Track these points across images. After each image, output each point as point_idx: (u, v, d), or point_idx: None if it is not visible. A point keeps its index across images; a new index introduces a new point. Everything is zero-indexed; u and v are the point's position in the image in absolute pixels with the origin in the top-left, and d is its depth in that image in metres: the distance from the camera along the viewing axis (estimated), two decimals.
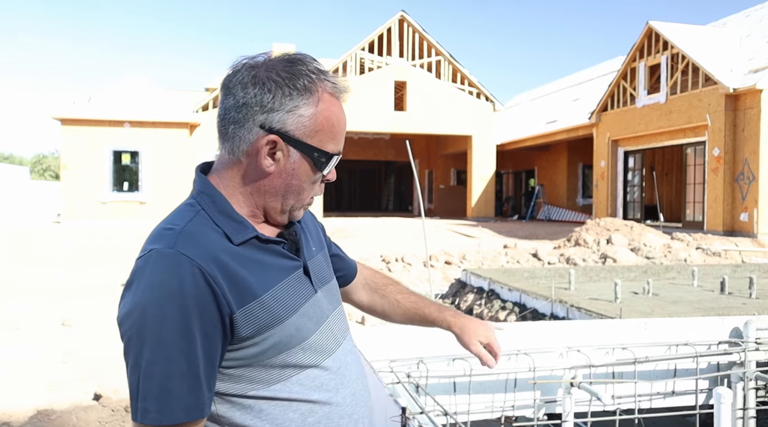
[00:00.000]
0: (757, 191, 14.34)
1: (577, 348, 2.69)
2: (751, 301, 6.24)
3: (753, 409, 2.75)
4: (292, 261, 1.09)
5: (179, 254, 0.95)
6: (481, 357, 1.39)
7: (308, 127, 1.04)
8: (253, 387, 1.02)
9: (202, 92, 25.04)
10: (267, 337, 1.00)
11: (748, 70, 14.94)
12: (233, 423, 1.02)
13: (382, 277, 1.51)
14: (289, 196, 1.08)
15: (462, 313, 1.47)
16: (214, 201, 1.05)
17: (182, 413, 0.93)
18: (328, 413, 1.07)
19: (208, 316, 0.95)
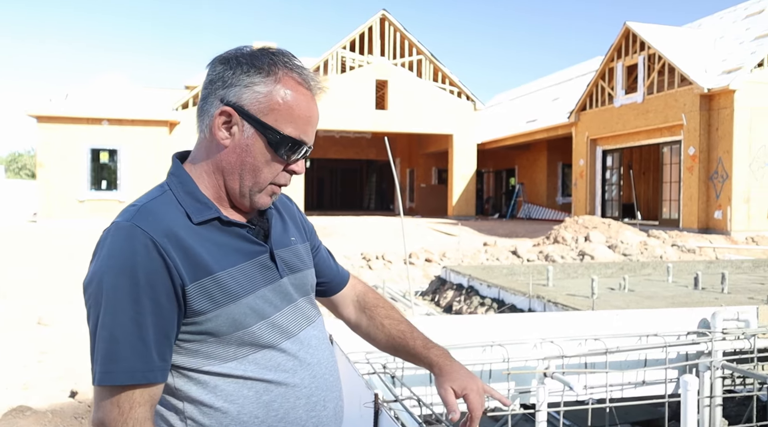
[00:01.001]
0: (730, 190, 14.63)
1: (550, 339, 2.74)
2: (723, 295, 6.39)
3: (719, 397, 2.83)
4: (257, 246, 1.11)
5: (135, 226, 1.00)
6: (446, 404, 1.22)
7: (263, 103, 1.07)
8: (208, 363, 1.04)
9: (181, 90, 24.81)
10: (220, 313, 1.02)
11: (722, 71, 15.23)
12: (189, 397, 1.04)
13: (375, 296, 1.43)
14: (246, 175, 1.09)
15: (451, 356, 1.32)
16: (181, 182, 1.10)
17: (126, 375, 0.96)
18: (283, 393, 1.08)
19: (160, 286, 0.98)
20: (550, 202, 25.03)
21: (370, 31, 22.68)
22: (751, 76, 14.60)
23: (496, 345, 2.64)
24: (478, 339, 2.67)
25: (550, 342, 2.73)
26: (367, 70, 22.60)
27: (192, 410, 1.04)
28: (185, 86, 24.74)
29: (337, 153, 29.70)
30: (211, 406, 1.04)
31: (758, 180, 14.75)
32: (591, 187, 19.81)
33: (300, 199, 22.02)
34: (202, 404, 1.04)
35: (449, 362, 1.29)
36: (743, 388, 2.90)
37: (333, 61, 22.36)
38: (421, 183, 28.85)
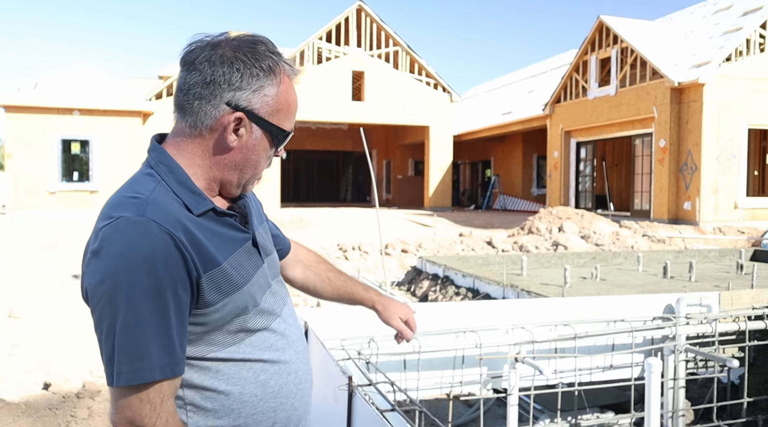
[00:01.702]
0: (699, 181, 14.96)
1: (521, 326, 2.81)
2: (690, 284, 6.56)
3: (683, 379, 2.93)
4: (243, 233, 1.15)
5: (149, 220, 0.98)
6: (400, 331, 1.55)
7: (271, 106, 1.10)
8: (210, 349, 1.08)
9: (155, 80, 24.43)
10: (227, 303, 1.06)
11: (692, 65, 15.53)
12: (191, 384, 1.07)
13: (315, 256, 1.60)
14: (247, 170, 1.13)
15: (384, 294, 1.62)
16: (173, 172, 1.08)
17: (157, 371, 0.97)
18: (278, 370, 1.16)
19: (179, 279, 0.99)
20: (525, 194, 25.30)
21: (347, 22, 22.57)
22: (720, 70, 14.92)
23: (469, 331, 2.70)
24: (451, 326, 2.73)
25: (521, 328, 2.80)
26: (344, 62, 22.51)
27: (193, 396, 1.08)
28: (159, 76, 24.36)
29: (313, 144, 29.57)
30: (215, 390, 1.08)
31: (725, 172, 15.11)
32: (565, 179, 20.08)
33: (276, 191, 21.92)
34: (205, 390, 1.08)
35: (386, 299, 1.57)
36: (705, 370, 3.01)
37: (309, 52, 22.22)
38: (398, 174, 28.90)
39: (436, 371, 2.72)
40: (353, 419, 1.63)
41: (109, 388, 0.99)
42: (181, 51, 1.10)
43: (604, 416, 3.26)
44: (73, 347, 5.15)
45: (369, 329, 2.59)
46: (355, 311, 2.79)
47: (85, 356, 4.84)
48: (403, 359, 2.60)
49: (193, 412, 1.08)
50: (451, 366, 2.72)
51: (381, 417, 1.52)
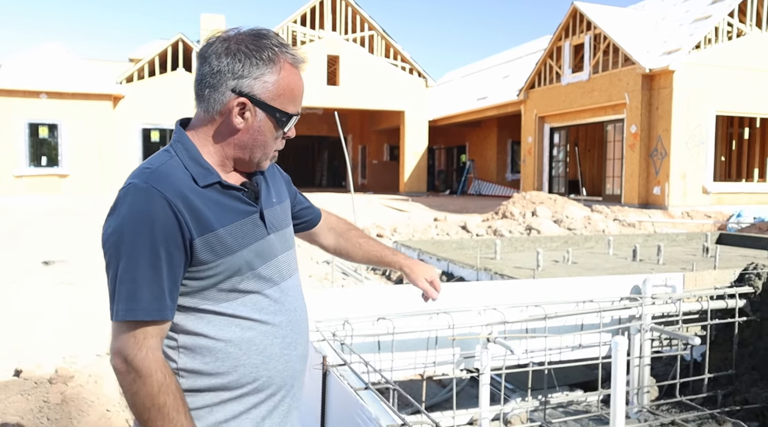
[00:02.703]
0: (668, 166, 15.26)
1: (493, 307, 2.87)
2: (659, 266, 6.74)
3: (648, 357, 3.03)
4: (250, 207, 1.30)
5: (152, 187, 1.17)
6: (426, 291, 1.71)
7: (272, 91, 1.26)
8: (205, 302, 1.24)
9: (125, 63, 23.92)
10: (220, 263, 1.22)
11: (663, 52, 15.76)
12: (185, 329, 1.24)
13: (346, 223, 1.78)
14: (256, 149, 1.30)
15: (410, 257, 1.79)
16: (187, 149, 1.26)
17: (145, 312, 1.15)
18: (264, 330, 1.28)
19: (173, 239, 1.17)
20: (499, 179, 25.51)
21: (321, 6, 22.34)
22: (689, 57, 15.17)
23: (442, 313, 2.75)
24: (425, 307, 2.77)
25: (493, 309, 2.85)
26: (319, 45, 22.31)
27: (185, 340, 1.24)
28: (129, 59, 23.86)
29: None
30: (205, 336, 1.23)
31: (694, 157, 15.44)
32: (539, 164, 20.29)
33: None
34: (196, 335, 1.23)
35: (412, 262, 1.74)
36: (669, 348, 3.12)
37: (283, 35, 21.95)
38: (373, 160, 28.86)
39: (409, 352, 2.77)
40: (327, 397, 1.67)
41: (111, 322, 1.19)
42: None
43: (573, 394, 3.35)
44: (44, 334, 5.09)
45: (344, 310, 2.63)
46: (330, 293, 2.82)
47: (56, 343, 4.79)
48: (377, 341, 2.64)
49: (184, 354, 1.24)
50: (425, 347, 2.77)
51: (355, 395, 1.55)
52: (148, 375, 1.15)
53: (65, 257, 8.60)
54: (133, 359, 1.15)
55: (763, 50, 15.99)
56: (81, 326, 5.28)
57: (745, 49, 15.82)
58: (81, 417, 3.23)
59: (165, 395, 1.16)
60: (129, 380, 1.15)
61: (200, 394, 1.25)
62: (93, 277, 7.22)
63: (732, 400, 3.09)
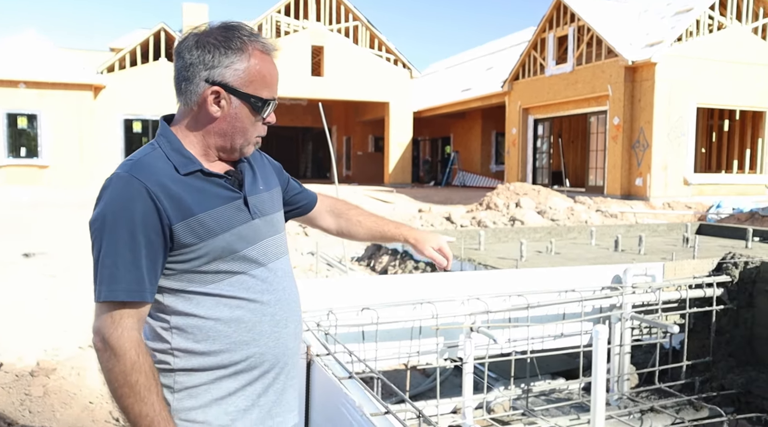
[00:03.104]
0: (650, 158, 15.43)
1: (476, 297, 2.89)
2: (639, 256, 6.83)
3: (628, 345, 3.08)
4: (233, 193, 1.34)
5: (132, 176, 1.24)
6: (434, 259, 1.71)
7: (243, 78, 1.31)
8: (192, 285, 1.29)
9: (106, 53, 23.59)
10: (202, 246, 1.27)
11: (645, 44, 15.88)
12: (176, 311, 1.29)
13: (344, 203, 1.80)
14: (237, 136, 1.34)
15: (415, 228, 1.78)
16: (169, 141, 1.32)
17: (124, 293, 1.21)
18: (252, 308, 1.33)
19: (151, 225, 1.23)
20: (484, 170, 25.61)
21: None
22: (671, 50, 15.31)
23: (426, 303, 2.77)
24: (409, 297, 2.79)
25: (476, 299, 2.88)
26: (303, 36, 22.16)
27: (177, 321, 1.29)
28: (110, 48, 23.54)
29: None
30: (195, 315, 1.29)
31: (675, 149, 15.62)
32: (523, 155, 20.39)
33: None
34: (187, 316, 1.29)
35: (417, 232, 1.74)
36: (649, 336, 3.17)
37: (267, 26, 21.77)
38: (358, 151, 28.81)
39: (394, 342, 2.79)
40: (311, 387, 1.67)
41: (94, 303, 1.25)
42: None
43: (555, 382, 3.40)
44: (25, 326, 5.04)
45: (328, 300, 2.63)
46: (314, 284, 2.82)
47: (38, 335, 4.75)
48: (361, 331, 2.66)
49: (176, 334, 1.29)
50: (409, 337, 2.79)
51: (339, 384, 1.56)
52: (122, 353, 1.20)
53: (46, 249, 8.50)
54: (109, 338, 1.20)
55: (742, 43, 16.19)
56: (63, 318, 5.23)
57: (726, 42, 15.99)
58: (64, 410, 3.22)
59: (137, 373, 1.21)
60: (105, 358, 1.21)
61: (195, 373, 1.30)
62: (75, 269, 7.16)
63: (709, 386, 3.15)
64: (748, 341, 3.21)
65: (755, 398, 3.05)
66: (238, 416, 1.33)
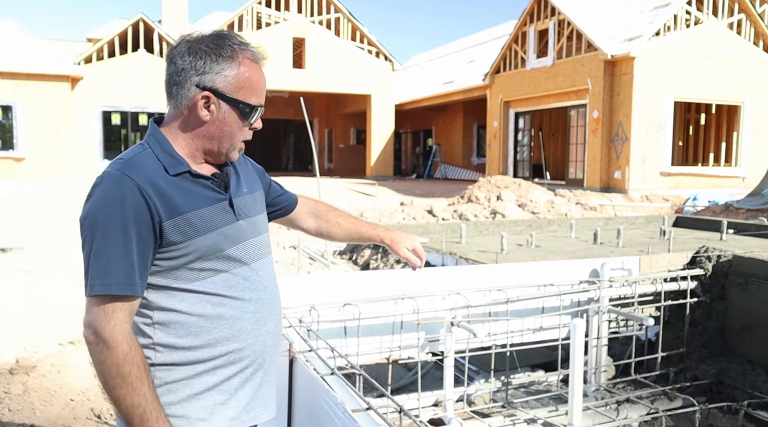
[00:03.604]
0: (629, 151, 15.63)
1: (457, 291, 2.93)
2: (618, 249, 6.93)
3: (605, 338, 3.15)
4: (219, 194, 1.40)
5: (124, 175, 1.28)
6: (408, 260, 1.80)
7: (233, 84, 1.37)
8: (177, 282, 1.34)
9: (83, 43, 23.19)
10: (189, 244, 1.32)
11: (624, 39, 16.04)
12: (160, 306, 1.34)
13: (323, 205, 1.87)
14: (224, 140, 1.40)
15: (390, 229, 1.89)
16: (159, 142, 1.37)
17: (117, 287, 1.25)
18: (234, 306, 1.39)
19: (142, 221, 1.27)
20: (465, 163, 25.71)
21: None
22: (649, 44, 15.49)
23: (408, 298, 2.80)
24: (390, 293, 2.81)
25: (457, 294, 2.92)
26: (284, 28, 22.00)
27: (160, 316, 1.34)
28: (88, 39, 23.15)
29: None
30: (179, 311, 1.34)
31: (653, 143, 15.84)
32: (504, 149, 20.52)
33: None
34: (170, 311, 1.33)
35: (392, 233, 1.82)
36: (625, 329, 3.24)
37: (248, 17, 21.58)
38: (340, 144, 28.75)
39: (375, 337, 2.82)
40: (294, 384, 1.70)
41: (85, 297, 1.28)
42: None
43: (534, 374, 3.46)
44: (3, 323, 4.98)
45: (310, 296, 2.65)
46: (296, 280, 2.84)
47: (16, 332, 4.70)
48: (343, 326, 2.68)
49: (158, 329, 1.34)
50: (391, 331, 2.82)
51: (321, 380, 1.59)
52: (114, 346, 1.24)
53: (23, 244, 8.39)
54: (102, 330, 1.24)
55: (718, 38, 16.43)
56: (42, 314, 5.18)
57: (702, 37, 16.22)
58: (44, 407, 3.20)
59: (130, 365, 1.25)
60: (98, 351, 1.24)
61: (176, 368, 1.34)
62: (54, 264, 7.08)
63: (683, 377, 3.24)
64: (720, 333, 3.30)
65: (726, 388, 3.14)
66: (216, 409, 1.37)
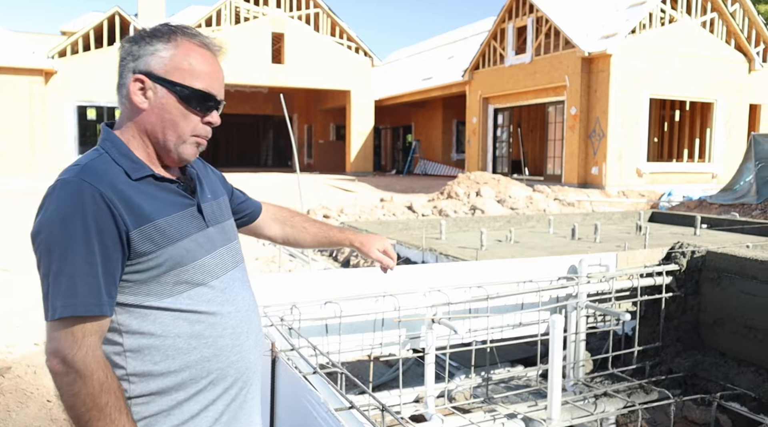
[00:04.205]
0: (605, 147, 15.84)
1: (438, 289, 2.95)
2: (595, 244, 7.04)
3: (583, 333, 3.20)
4: (186, 199, 1.28)
5: (82, 181, 1.14)
6: (380, 261, 1.75)
7: (168, 65, 1.24)
8: (148, 299, 1.20)
9: (57, 36, 22.74)
10: (160, 254, 1.19)
11: (601, 36, 16.23)
12: (130, 330, 1.19)
13: (288, 211, 1.77)
14: (167, 130, 1.26)
15: (359, 231, 1.83)
16: (115, 145, 1.24)
17: (83, 307, 1.11)
18: (213, 322, 1.26)
19: (107, 231, 1.13)
20: (445, 159, 25.81)
21: None
22: (625, 41, 15.69)
23: (388, 295, 2.81)
24: (371, 290, 2.82)
25: (437, 291, 2.93)
26: (263, 22, 21.82)
27: (131, 342, 1.19)
28: (61, 32, 22.72)
29: (232, 108, 28.65)
30: (151, 334, 1.20)
31: (629, 139, 16.06)
32: (483, 144, 20.64)
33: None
34: (143, 335, 1.19)
35: (362, 235, 1.76)
36: (603, 324, 3.29)
37: (227, 11, 21.36)
38: (319, 139, 28.65)
39: (357, 335, 2.82)
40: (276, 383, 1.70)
41: (46, 322, 1.13)
42: None
43: (514, 369, 3.50)
44: None
45: (291, 295, 2.65)
46: (277, 278, 2.83)
47: None
48: (324, 324, 2.68)
49: (131, 358, 1.19)
50: (372, 329, 2.83)
51: (303, 380, 1.59)
52: (89, 374, 1.10)
53: None
54: (73, 359, 1.10)
55: (692, 36, 16.71)
56: (17, 314, 5.09)
57: (677, 35, 16.48)
58: (20, 409, 3.15)
59: (107, 394, 1.12)
60: (69, 381, 1.10)
61: (154, 399, 1.20)
62: (28, 262, 6.95)
63: (658, 370, 3.30)
64: (694, 327, 3.37)
65: (700, 381, 3.21)
66: None
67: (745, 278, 3.11)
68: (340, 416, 1.41)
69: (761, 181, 11.96)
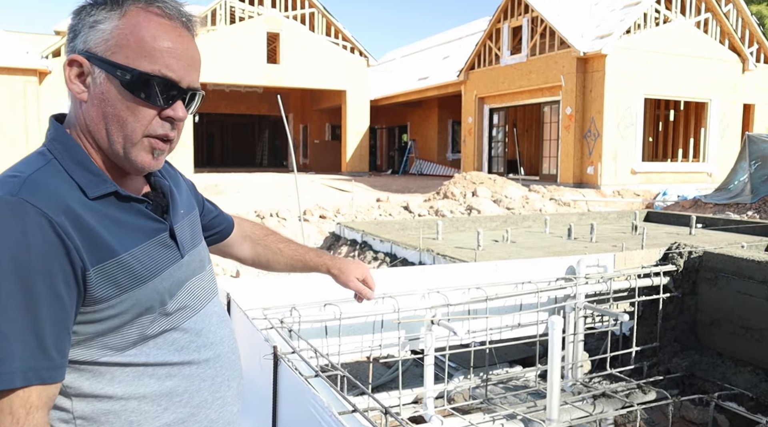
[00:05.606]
0: (601, 147, 15.88)
1: (437, 290, 2.95)
2: (591, 244, 7.06)
3: (582, 333, 3.21)
4: (157, 223, 1.00)
5: (23, 201, 0.84)
6: (359, 291, 1.56)
7: (110, 41, 0.92)
8: (104, 353, 0.93)
9: (51, 36, 22.65)
10: (125, 299, 0.92)
11: (596, 36, 16.27)
12: (81, 393, 0.93)
13: (261, 228, 1.52)
14: (112, 129, 0.94)
15: (338, 256, 1.64)
16: (68, 150, 0.94)
17: (19, 377, 0.82)
18: (188, 375, 1.01)
19: (57, 271, 0.85)
20: (441, 159, 25.83)
21: None
22: (620, 42, 15.74)
23: (388, 297, 2.81)
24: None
25: (436, 292, 2.94)
26: (258, 22, 21.78)
27: (83, 407, 0.93)
28: (55, 31, 22.60)
29: (227, 108, 28.62)
30: (109, 396, 0.93)
31: (624, 139, 16.11)
32: (479, 144, 20.66)
33: (189, 155, 21.16)
34: (98, 399, 0.93)
35: (340, 262, 1.55)
36: (601, 324, 3.31)
37: (222, 11, 21.31)
38: (315, 139, 28.63)
39: (356, 336, 2.83)
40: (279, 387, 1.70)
41: None
42: None
43: (512, 370, 3.51)
44: None
45: (291, 297, 2.65)
46: (277, 280, 2.83)
47: None
48: (324, 326, 2.68)
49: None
50: (371, 331, 2.84)
51: (305, 383, 1.59)
52: None
53: None
54: None
55: (686, 37, 16.78)
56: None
57: (671, 35, 16.54)
58: None
59: None
60: None
61: None
62: None
63: (656, 370, 3.32)
64: (692, 327, 3.38)
65: (698, 381, 3.22)
66: None
67: (741, 279, 3.13)
68: (343, 419, 1.41)
69: (756, 181, 12.03)
